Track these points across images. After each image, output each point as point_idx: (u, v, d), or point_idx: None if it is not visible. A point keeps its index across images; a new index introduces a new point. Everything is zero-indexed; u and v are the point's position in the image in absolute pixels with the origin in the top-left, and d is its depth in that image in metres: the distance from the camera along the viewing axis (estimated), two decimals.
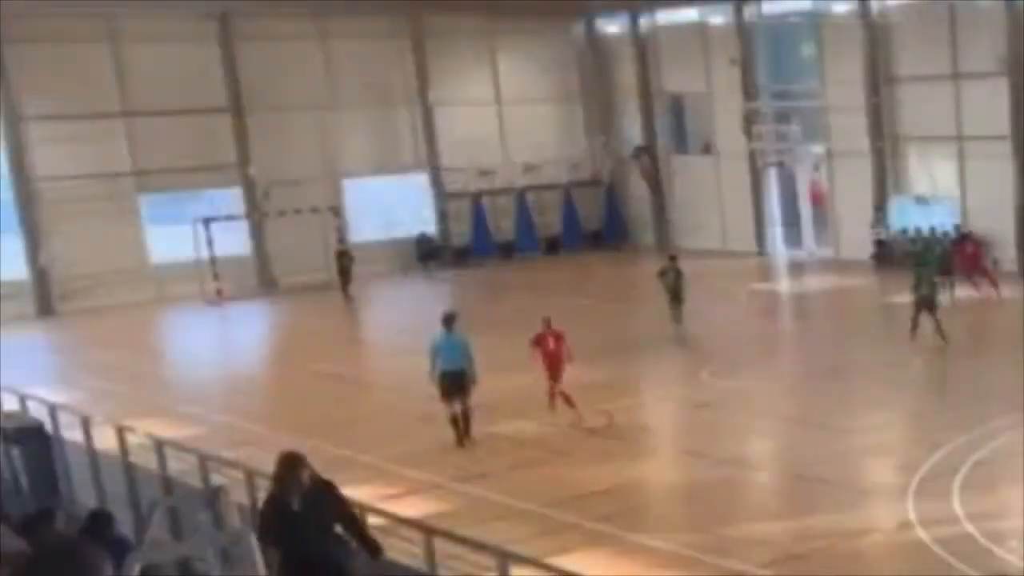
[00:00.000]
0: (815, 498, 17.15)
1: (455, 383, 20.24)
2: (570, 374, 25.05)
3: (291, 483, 9.50)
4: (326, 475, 10.04)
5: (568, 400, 21.46)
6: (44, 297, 37.40)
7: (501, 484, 18.18)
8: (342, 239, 39.16)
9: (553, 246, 44.39)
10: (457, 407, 20.33)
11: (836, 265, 38.36)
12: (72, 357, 30.96)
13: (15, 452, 18.16)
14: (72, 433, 19.24)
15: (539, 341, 21.80)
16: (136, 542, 9.73)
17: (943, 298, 27.26)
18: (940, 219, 36.40)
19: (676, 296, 28.38)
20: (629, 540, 15.67)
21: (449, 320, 20.65)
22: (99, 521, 10.08)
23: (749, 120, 39.96)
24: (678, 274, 28.62)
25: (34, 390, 21.43)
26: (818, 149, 39.65)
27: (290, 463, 9.65)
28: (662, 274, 28.90)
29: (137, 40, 38.18)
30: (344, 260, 37.53)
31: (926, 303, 25.76)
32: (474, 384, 20.33)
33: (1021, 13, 33.52)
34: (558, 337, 21.73)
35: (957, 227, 35.41)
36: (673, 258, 29.52)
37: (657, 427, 22.45)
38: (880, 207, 37.54)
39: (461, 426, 20.40)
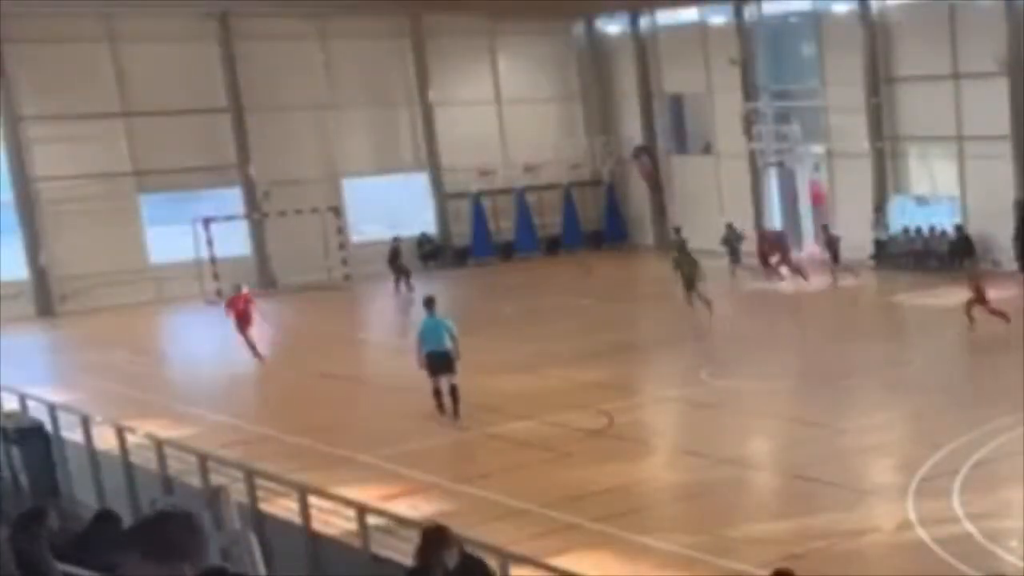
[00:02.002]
0: (815, 498, 17.14)
1: (441, 362, 21.58)
2: (570, 374, 25.10)
3: (434, 564, 8.34)
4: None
5: (256, 350, 27.76)
6: (44, 297, 37.39)
7: (501, 484, 18.17)
8: (396, 236, 39.19)
9: (553, 246, 44.40)
10: (443, 384, 21.63)
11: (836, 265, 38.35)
12: (72, 357, 30.94)
13: (15, 452, 18.20)
14: (72, 433, 19.26)
15: (232, 303, 28.39)
16: None
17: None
18: (940, 219, 36.51)
19: (689, 280, 30.84)
20: (629, 540, 15.66)
21: (429, 303, 22.17)
22: (105, 521, 10.02)
23: (749, 120, 39.95)
24: (681, 246, 32.90)
25: (34, 390, 21.45)
26: (818, 149, 39.64)
27: (434, 541, 8.43)
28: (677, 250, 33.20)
29: (137, 40, 38.15)
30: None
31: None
32: (457, 360, 21.68)
33: (1021, 13, 33.53)
34: (248, 300, 28.32)
35: (959, 227, 35.64)
36: (678, 230, 35.70)
37: (657, 427, 22.45)
38: (880, 207, 37.54)
39: (448, 402, 21.70)
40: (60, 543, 8.56)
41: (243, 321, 28.21)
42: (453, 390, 21.66)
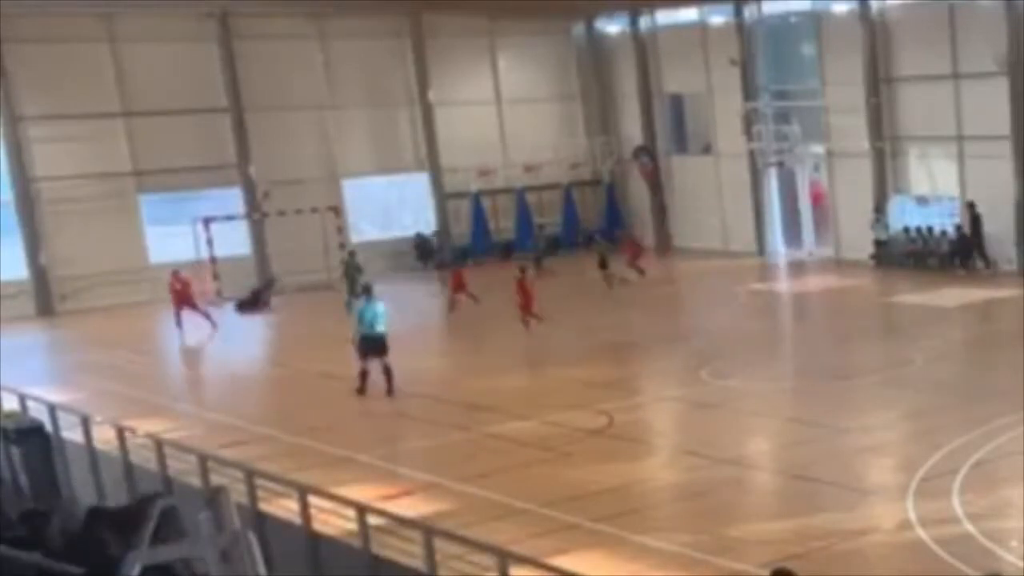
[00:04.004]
0: (815, 498, 17.14)
1: (374, 345, 23.75)
2: (570, 373, 25.09)
3: None
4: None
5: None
6: (44, 297, 37.39)
7: (501, 484, 18.17)
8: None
9: (553, 246, 44.34)
10: (375, 364, 23.76)
11: (836, 265, 38.37)
12: (72, 357, 30.95)
13: (15, 452, 18.16)
14: (72, 433, 19.26)
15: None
16: (136, 542, 9.70)
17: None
18: (940, 219, 36.51)
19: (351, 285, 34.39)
20: (629, 540, 15.66)
21: (368, 290, 24.90)
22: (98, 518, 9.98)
23: (749, 120, 39.94)
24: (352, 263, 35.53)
25: (34, 390, 21.44)
26: (818, 149, 39.65)
27: None
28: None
29: (137, 40, 38.16)
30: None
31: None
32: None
33: (1021, 13, 33.51)
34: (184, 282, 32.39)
35: (959, 227, 35.67)
36: (352, 252, 36.75)
37: (657, 427, 22.45)
38: (880, 207, 37.54)
39: (382, 380, 23.66)
40: (58, 544, 8.55)
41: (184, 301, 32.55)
42: (387, 369, 23.62)
